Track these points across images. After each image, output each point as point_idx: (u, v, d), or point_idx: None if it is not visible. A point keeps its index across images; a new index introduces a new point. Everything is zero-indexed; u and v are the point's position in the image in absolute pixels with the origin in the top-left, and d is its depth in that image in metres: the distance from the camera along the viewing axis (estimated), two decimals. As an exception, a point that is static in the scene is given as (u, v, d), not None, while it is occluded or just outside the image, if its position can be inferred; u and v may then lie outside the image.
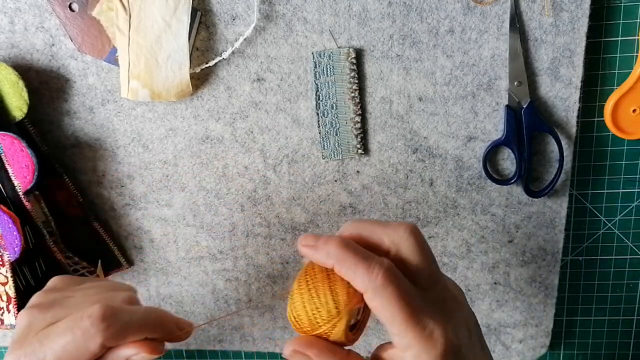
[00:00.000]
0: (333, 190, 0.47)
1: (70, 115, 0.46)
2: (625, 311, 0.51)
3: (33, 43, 0.45)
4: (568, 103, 0.43)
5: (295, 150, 0.46)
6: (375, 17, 0.42)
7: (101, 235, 0.49)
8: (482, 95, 0.43)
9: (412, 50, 0.43)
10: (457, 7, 0.41)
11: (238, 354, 0.55)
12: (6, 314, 0.45)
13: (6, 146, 0.43)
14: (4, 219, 0.42)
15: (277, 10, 0.42)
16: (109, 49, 0.43)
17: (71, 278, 0.38)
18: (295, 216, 0.48)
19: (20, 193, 0.44)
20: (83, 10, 0.43)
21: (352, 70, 0.43)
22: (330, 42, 0.43)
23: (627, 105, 0.43)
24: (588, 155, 0.46)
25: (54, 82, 0.46)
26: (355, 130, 0.45)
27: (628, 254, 0.49)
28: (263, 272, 0.50)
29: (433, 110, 0.44)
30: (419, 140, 0.45)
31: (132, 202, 0.49)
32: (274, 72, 0.44)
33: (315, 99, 0.44)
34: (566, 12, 0.41)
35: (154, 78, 0.43)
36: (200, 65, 0.44)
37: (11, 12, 0.44)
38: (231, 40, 0.43)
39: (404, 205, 0.47)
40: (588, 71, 0.43)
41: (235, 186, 0.47)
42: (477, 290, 0.49)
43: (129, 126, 0.46)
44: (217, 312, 0.52)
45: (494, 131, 0.44)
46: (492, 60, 0.42)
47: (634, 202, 0.47)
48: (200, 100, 0.45)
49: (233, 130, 0.46)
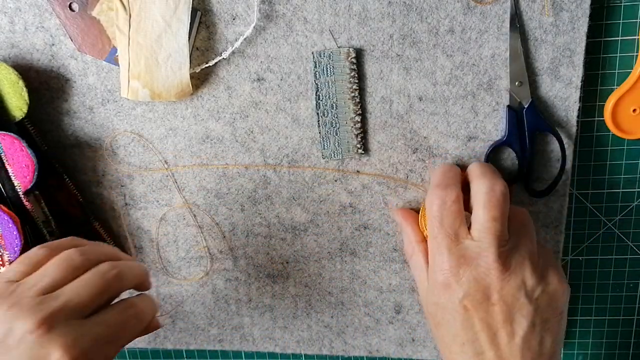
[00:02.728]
0: (333, 190, 0.47)
1: (70, 115, 0.47)
2: (625, 311, 0.51)
3: (33, 43, 0.45)
4: (568, 103, 0.43)
5: (295, 150, 0.46)
6: (375, 16, 0.42)
7: (101, 235, 0.49)
8: (482, 95, 0.43)
9: (412, 50, 0.43)
10: (457, 7, 0.41)
11: (238, 354, 0.55)
12: (6, 314, 0.45)
13: (6, 146, 0.43)
14: (4, 219, 0.42)
15: (277, 10, 0.42)
16: (109, 49, 0.43)
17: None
18: (295, 216, 0.48)
19: (20, 193, 0.44)
20: (83, 10, 0.43)
21: (352, 70, 0.43)
22: (330, 41, 0.43)
23: (627, 105, 0.43)
24: (588, 155, 0.46)
25: (54, 82, 0.46)
26: (355, 130, 0.45)
27: (628, 254, 0.49)
28: (263, 272, 0.50)
29: (433, 110, 0.44)
30: (419, 140, 0.45)
31: (132, 202, 0.49)
32: (274, 72, 0.44)
33: (315, 98, 0.44)
34: (566, 12, 0.41)
35: (154, 78, 0.43)
36: (200, 65, 0.44)
37: (11, 12, 0.44)
38: (231, 40, 0.44)
39: (404, 205, 0.47)
40: (588, 71, 0.43)
41: (235, 186, 0.48)
42: (477, 290, 0.49)
43: (129, 126, 0.46)
44: (217, 312, 0.52)
45: (494, 131, 0.44)
46: (492, 60, 0.42)
47: (634, 202, 0.47)
48: (200, 100, 0.45)
49: (233, 130, 0.46)
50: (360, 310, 0.51)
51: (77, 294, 0.32)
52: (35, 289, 0.32)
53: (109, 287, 0.34)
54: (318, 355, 0.54)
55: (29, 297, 0.32)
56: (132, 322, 0.35)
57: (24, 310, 0.31)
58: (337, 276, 0.50)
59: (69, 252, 0.35)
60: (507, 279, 0.38)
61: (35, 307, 0.31)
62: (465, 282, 0.38)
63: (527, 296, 0.38)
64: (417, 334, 0.51)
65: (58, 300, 0.32)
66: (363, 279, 0.50)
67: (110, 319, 0.34)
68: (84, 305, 0.33)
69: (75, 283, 0.33)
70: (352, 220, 0.48)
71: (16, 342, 0.30)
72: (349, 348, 0.52)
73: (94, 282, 0.34)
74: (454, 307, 0.39)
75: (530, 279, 0.38)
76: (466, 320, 0.39)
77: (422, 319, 0.50)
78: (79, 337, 0.31)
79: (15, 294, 0.32)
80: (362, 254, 0.49)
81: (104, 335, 0.33)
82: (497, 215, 0.38)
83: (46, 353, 0.30)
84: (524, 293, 0.38)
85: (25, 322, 0.30)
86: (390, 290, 0.50)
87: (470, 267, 0.38)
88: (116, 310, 0.35)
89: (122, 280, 0.36)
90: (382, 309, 0.50)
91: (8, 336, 0.30)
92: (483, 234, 0.38)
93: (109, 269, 0.35)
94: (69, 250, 0.36)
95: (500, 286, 0.38)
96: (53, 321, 0.30)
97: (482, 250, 0.38)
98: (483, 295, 0.38)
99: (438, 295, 0.40)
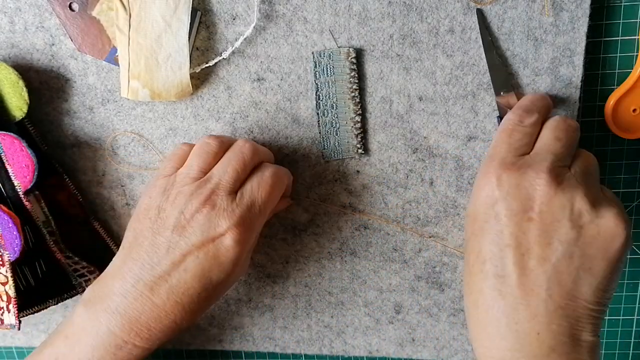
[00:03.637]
0: (333, 190, 0.47)
1: (70, 115, 0.47)
2: (625, 311, 0.51)
3: (33, 43, 0.45)
4: (568, 103, 0.43)
5: (295, 150, 0.46)
6: (375, 16, 0.42)
7: (101, 235, 0.49)
8: (482, 95, 0.43)
9: (412, 49, 0.43)
10: (457, 7, 0.41)
11: (238, 354, 0.55)
12: (6, 314, 0.45)
13: (6, 146, 0.43)
14: (4, 219, 0.42)
15: (277, 10, 0.42)
16: (109, 48, 0.43)
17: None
18: (295, 216, 0.48)
19: (20, 193, 0.44)
20: (83, 10, 0.43)
21: (352, 70, 0.43)
22: (330, 41, 0.43)
23: (627, 105, 0.43)
24: (588, 155, 0.46)
25: (54, 82, 0.46)
26: (355, 130, 0.45)
27: (628, 254, 0.49)
28: (263, 272, 0.50)
29: (433, 110, 0.44)
30: (419, 140, 0.45)
31: (132, 202, 0.49)
32: (274, 71, 0.44)
33: (315, 98, 0.44)
34: (566, 12, 0.41)
35: (154, 78, 0.43)
36: (200, 65, 0.44)
37: (11, 11, 0.44)
38: (231, 40, 0.44)
39: (404, 205, 0.47)
40: (588, 71, 0.43)
41: (235, 186, 0.48)
42: (477, 290, 0.49)
43: (129, 126, 0.46)
44: (217, 312, 0.52)
45: (494, 131, 0.44)
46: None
47: (634, 202, 0.47)
48: (200, 100, 0.45)
49: (233, 130, 0.46)
50: (360, 310, 0.51)
51: (223, 172, 0.39)
52: (188, 178, 0.39)
53: (246, 160, 0.40)
54: (318, 355, 0.54)
55: (186, 184, 0.38)
56: (273, 180, 0.40)
57: (186, 195, 0.38)
58: (337, 276, 0.50)
59: (203, 141, 0.40)
60: (553, 194, 0.33)
61: (195, 192, 0.38)
62: (506, 186, 0.34)
63: (571, 220, 0.33)
64: (417, 334, 0.51)
65: (211, 182, 0.38)
66: (363, 279, 0.50)
67: (253, 185, 0.39)
68: (233, 180, 0.39)
69: (219, 165, 0.39)
70: (352, 220, 0.48)
71: (189, 219, 0.37)
72: (349, 348, 0.52)
73: (234, 158, 0.39)
74: (485, 213, 0.35)
75: (580, 202, 0.33)
76: (495, 232, 0.34)
77: (422, 319, 0.50)
78: (235, 207, 0.38)
79: (176, 185, 0.39)
80: (362, 254, 0.49)
81: (252, 199, 0.39)
82: (562, 136, 0.35)
83: (216, 224, 0.37)
84: (568, 215, 0.33)
85: (192, 203, 0.37)
86: (390, 290, 0.50)
87: (516, 173, 0.34)
88: (257, 175, 0.40)
89: (257, 152, 0.41)
90: (382, 309, 0.50)
91: (182, 215, 0.38)
92: (542, 149, 0.35)
93: (243, 143, 0.40)
94: (202, 139, 0.41)
95: (542, 200, 0.33)
96: (216, 200, 0.37)
97: (535, 162, 0.34)
98: (521, 205, 0.33)
99: (475, 199, 0.36)
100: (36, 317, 0.53)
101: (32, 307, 0.45)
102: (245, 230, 0.38)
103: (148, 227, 0.38)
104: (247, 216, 0.38)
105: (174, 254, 0.37)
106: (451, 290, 0.49)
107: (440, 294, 0.49)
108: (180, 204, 0.38)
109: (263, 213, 0.39)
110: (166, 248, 0.37)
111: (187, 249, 0.37)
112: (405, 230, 0.48)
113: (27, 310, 0.45)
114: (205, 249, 0.37)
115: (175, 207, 0.38)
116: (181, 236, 0.37)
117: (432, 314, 0.50)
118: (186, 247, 0.37)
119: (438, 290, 0.49)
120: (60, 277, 0.47)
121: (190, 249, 0.37)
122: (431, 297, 0.49)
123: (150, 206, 0.39)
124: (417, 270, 0.49)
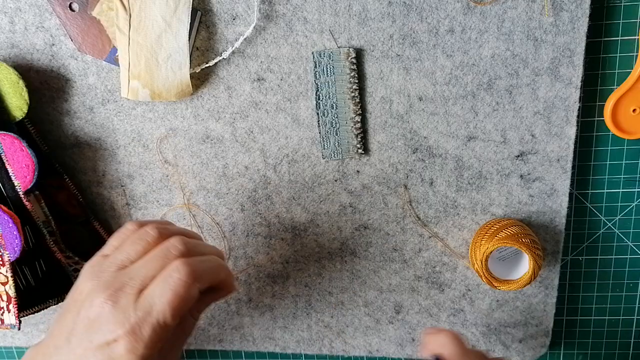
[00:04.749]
0: (333, 190, 0.47)
1: (70, 115, 0.47)
2: (625, 311, 0.51)
3: (33, 43, 0.45)
4: (568, 103, 0.43)
5: (295, 150, 0.46)
6: (375, 16, 0.42)
7: (101, 235, 0.49)
8: (482, 95, 0.43)
9: (412, 50, 0.43)
10: (457, 7, 0.41)
11: (238, 353, 0.55)
12: (6, 314, 0.45)
13: (6, 146, 0.43)
14: (4, 219, 0.42)
15: (277, 10, 0.42)
16: (109, 49, 0.43)
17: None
18: (295, 216, 0.48)
19: (20, 193, 0.44)
20: (83, 10, 0.43)
21: (352, 70, 0.43)
22: (330, 41, 0.43)
23: (627, 105, 0.43)
24: (588, 155, 0.46)
25: (54, 82, 0.46)
26: (355, 130, 0.45)
27: (628, 254, 0.49)
28: (263, 272, 0.50)
29: (433, 110, 0.44)
30: (419, 140, 0.45)
31: (132, 202, 0.49)
32: (274, 71, 0.44)
33: (315, 98, 0.44)
34: (566, 12, 0.41)
35: (154, 78, 0.43)
36: (201, 65, 0.44)
37: (11, 12, 0.44)
38: (231, 40, 0.44)
39: (404, 205, 0.47)
40: (588, 71, 0.43)
41: (235, 186, 0.48)
42: (477, 290, 0.49)
43: (129, 126, 0.46)
44: (217, 312, 0.52)
45: (494, 131, 0.44)
46: (492, 60, 0.42)
47: (634, 202, 0.47)
48: (200, 100, 0.45)
49: (233, 130, 0.46)
50: (360, 310, 0.51)
51: (140, 268, 0.36)
52: (113, 265, 0.36)
53: (170, 260, 0.36)
54: (318, 355, 0.54)
55: (108, 271, 0.36)
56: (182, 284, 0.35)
57: (101, 285, 0.35)
58: (337, 276, 0.50)
59: (144, 229, 0.38)
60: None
61: (108, 282, 0.35)
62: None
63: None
64: (417, 334, 0.51)
65: (126, 276, 0.35)
66: (363, 279, 0.50)
67: (156, 290, 0.35)
68: (148, 279, 0.35)
69: (142, 260, 0.36)
70: (352, 220, 0.48)
71: (96, 314, 0.34)
72: (349, 348, 0.52)
73: (159, 255, 0.36)
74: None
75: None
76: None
77: (422, 319, 0.50)
78: (132, 312, 0.34)
79: (102, 269, 0.36)
80: (362, 254, 0.49)
81: (150, 305, 0.35)
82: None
83: (113, 327, 0.34)
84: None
85: (100, 295, 0.34)
86: (390, 290, 0.50)
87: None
88: (163, 277, 0.36)
89: (190, 251, 0.37)
90: (382, 309, 0.50)
91: (91, 306, 0.35)
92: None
93: (175, 242, 0.37)
94: (146, 226, 0.38)
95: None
96: (120, 297, 0.34)
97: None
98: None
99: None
100: (36, 317, 0.53)
101: (32, 307, 0.45)
102: (136, 340, 0.34)
103: (71, 306, 0.36)
104: (142, 324, 0.34)
105: (77, 348, 0.34)
106: (451, 290, 0.49)
107: (440, 294, 0.49)
108: (93, 293, 0.35)
109: (163, 323, 0.34)
110: (68, 338, 0.35)
111: (87, 346, 0.34)
112: (405, 230, 0.48)
113: (27, 310, 0.45)
114: (102, 350, 0.34)
115: (89, 294, 0.35)
116: (86, 330, 0.34)
117: (432, 314, 0.50)
118: (87, 344, 0.34)
119: (438, 290, 0.49)
120: (60, 276, 0.47)
121: (89, 346, 0.34)
122: (431, 297, 0.49)
123: (76, 287, 0.37)
124: (417, 270, 0.49)
